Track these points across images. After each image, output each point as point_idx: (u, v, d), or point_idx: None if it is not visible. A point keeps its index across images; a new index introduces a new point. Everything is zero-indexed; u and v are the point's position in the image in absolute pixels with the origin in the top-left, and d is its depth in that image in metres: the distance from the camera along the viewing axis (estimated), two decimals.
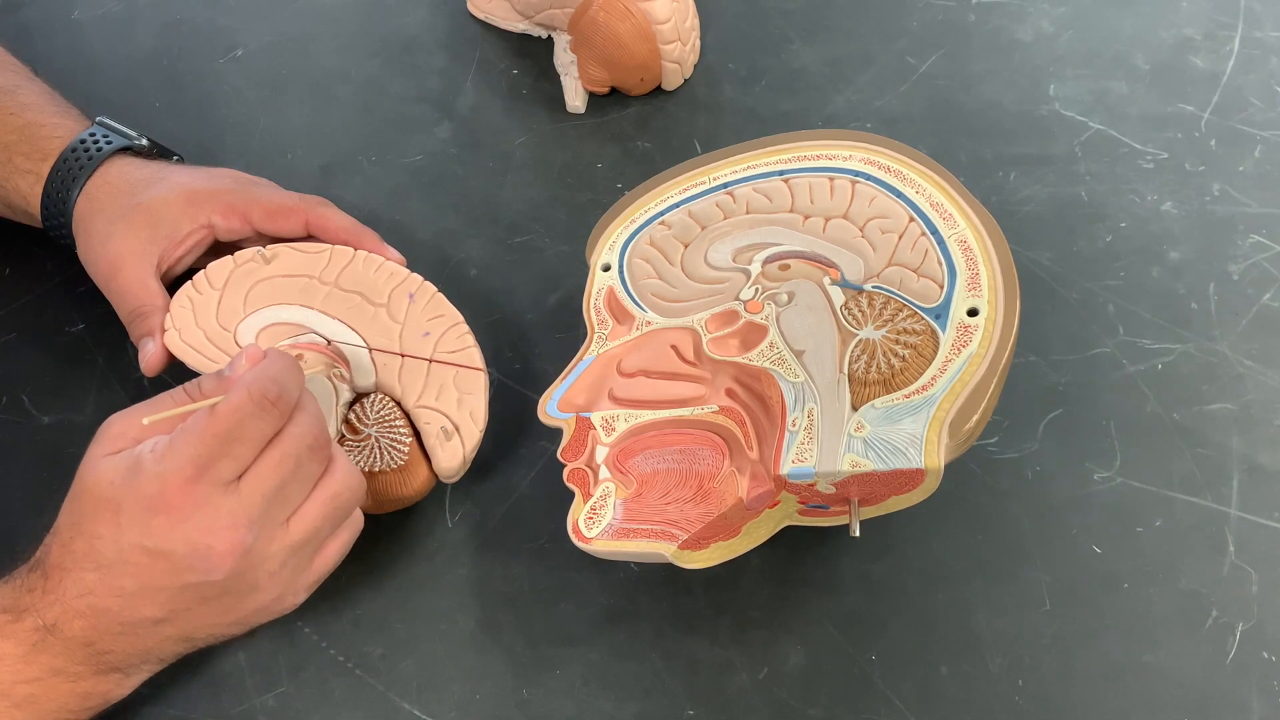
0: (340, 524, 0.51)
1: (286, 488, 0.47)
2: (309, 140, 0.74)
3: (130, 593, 0.46)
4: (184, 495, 0.45)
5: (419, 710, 0.53)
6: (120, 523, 0.45)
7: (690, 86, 0.75)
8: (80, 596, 0.46)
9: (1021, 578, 0.55)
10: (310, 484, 0.49)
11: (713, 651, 0.54)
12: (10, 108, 0.63)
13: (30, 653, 0.46)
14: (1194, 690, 0.52)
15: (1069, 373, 0.61)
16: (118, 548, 0.45)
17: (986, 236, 0.52)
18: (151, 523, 0.45)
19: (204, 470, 0.45)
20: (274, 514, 0.47)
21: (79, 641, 0.46)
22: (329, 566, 0.51)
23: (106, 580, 0.46)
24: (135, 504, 0.45)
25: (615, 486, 0.51)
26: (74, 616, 0.46)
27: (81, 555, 0.46)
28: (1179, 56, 0.75)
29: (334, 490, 0.49)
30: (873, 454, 0.47)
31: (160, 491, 0.45)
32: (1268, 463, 0.58)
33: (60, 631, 0.46)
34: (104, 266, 0.60)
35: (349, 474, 0.50)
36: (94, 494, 0.46)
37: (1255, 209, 0.67)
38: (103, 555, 0.46)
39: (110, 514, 0.45)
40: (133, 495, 0.45)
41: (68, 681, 0.47)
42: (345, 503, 0.50)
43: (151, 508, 0.45)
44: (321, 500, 0.49)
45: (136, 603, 0.46)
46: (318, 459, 0.49)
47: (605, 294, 0.56)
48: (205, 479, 0.45)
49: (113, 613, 0.46)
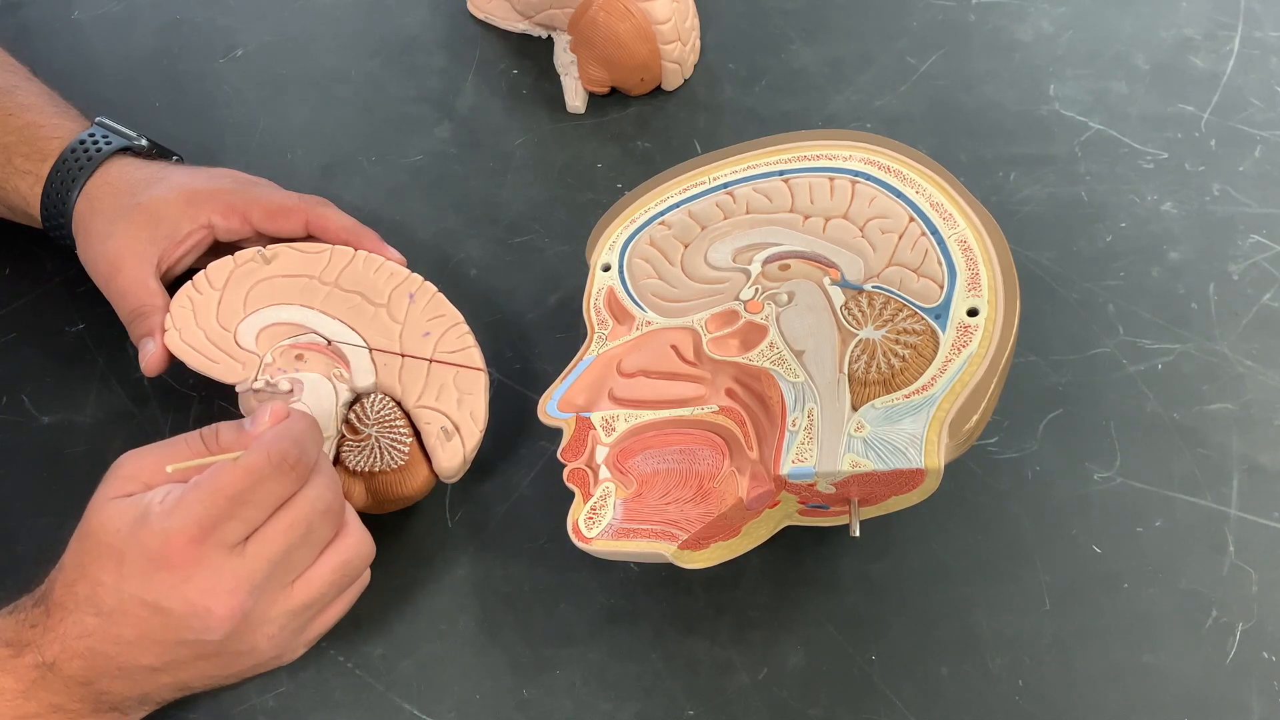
0: (346, 588, 0.50)
1: (294, 553, 0.47)
2: (309, 140, 0.74)
3: (128, 641, 0.46)
4: (187, 555, 0.44)
5: (419, 710, 0.53)
6: (123, 572, 0.45)
7: (690, 86, 0.75)
8: (80, 638, 0.46)
9: (1021, 578, 0.55)
10: (319, 549, 0.48)
11: (713, 651, 0.54)
12: (9, 108, 0.63)
13: (30, 689, 0.46)
14: (1194, 690, 0.52)
15: (1069, 373, 0.61)
16: (119, 597, 0.45)
17: (986, 236, 0.52)
18: (153, 577, 0.45)
19: (210, 531, 0.45)
20: (278, 579, 0.47)
21: (77, 680, 0.46)
22: (329, 626, 0.51)
23: (106, 627, 0.45)
24: (138, 556, 0.45)
25: (615, 486, 0.51)
26: (73, 656, 0.46)
27: (83, 599, 0.46)
28: (1179, 56, 0.75)
29: (344, 558, 0.49)
30: (873, 454, 0.47)
31: (163, 548, 0.44)
32: (1268, 463, 0.58)
33: (59, 670, 0.46)
34: (104, 266, 0.60)
35: (361, 542, 0.50)
36: (99, 539, 0.46)
37: (1255, 209, 0.67)
38: (103, 602, 0.45)
39: (114, 562, 0.45)
40: (137, 547, 0.45)
41: (66, 718, 0.47)
42: (354, 570, 0.50)
43: (154, 563, 0.45)
44: (330, 567, 0.48)
45: (134, 651, 0.46)
46: (329, 524, 0.48)
47: (605, 294, 0.56)
48: (211, 540, 0.45)
49: (110, 657, 0.46)
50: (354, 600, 0.52)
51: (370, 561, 0.51)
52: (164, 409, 0.63)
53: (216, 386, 0.57)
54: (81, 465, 0.60)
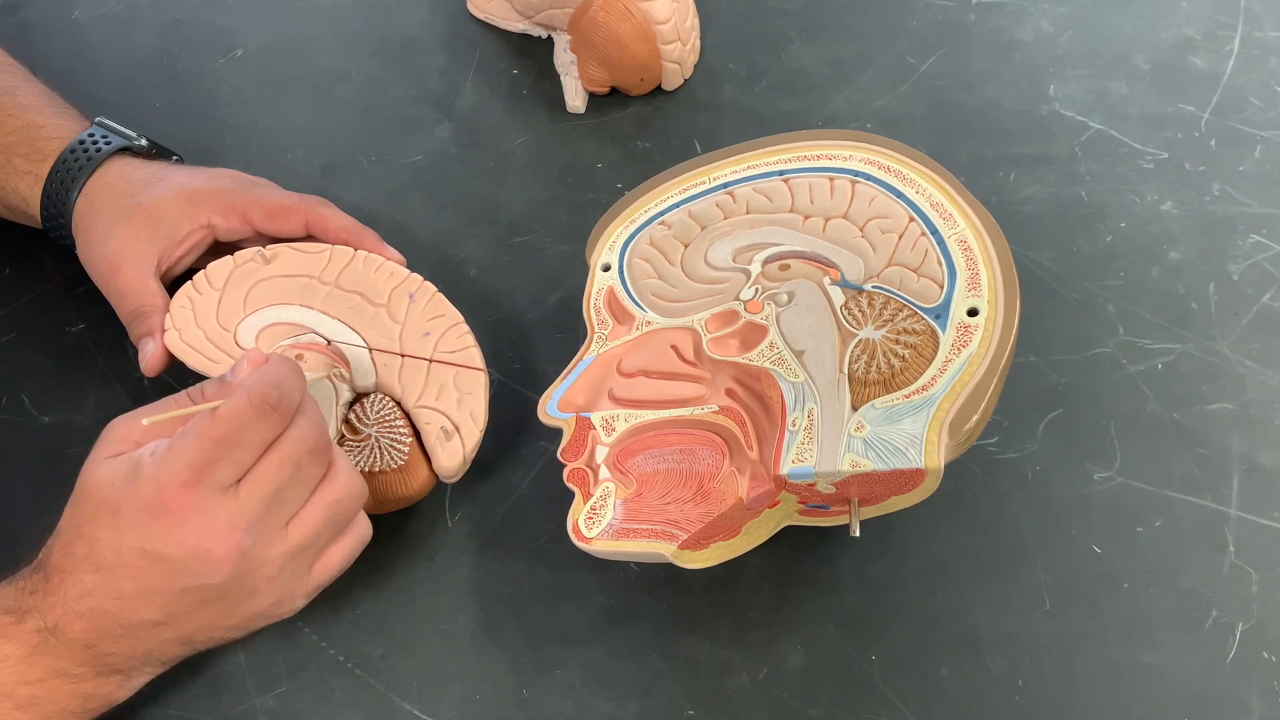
0: (341, 530, 0.51)
1: (285, 492, 0.47)
2: (309, 140, 0.74)
3: (129, 595, 0.46)
4: (182, 499, 0.45)
5: (419, 710, 0.53)
6: (119, 526, 0.45)
7: (690, 86, 0.75)
8: (80, 599, 0.46)
9: (1021, 578, 0.55)
10: (309, 488, 0.49)
11: (713, 651, 0.54)
12: (9, 108, 0.63)
13: (32, 654, 0.46)
14: (1194, 690, 0.52)
15: (1069, 373, 0.61)
16: (117, 551, 0.45)
17: (986, 236, 0.52)
18: (149, 526, 0.45)
19: (202, 474, 0.45)
20: (273, 518, 0.47)
21: (80, 643, 0.46)
22: (331, 574, 0.51)
23: (106, 583, 0.46)
24: (134, 507, 0.45)
25: (615, 486, 0.51)
26: (75, 619, 0.46)
27: (81, 558, 0.46)
28: (1179, 56, 0.75)
29: (334, 496, 0.49)
30: (873, 454, 0.47)
31: (158, 495, 0.45)
32: (1268, 463, 0.58)
33: (61, 633, 0.46)
34: (104, 267, 0.60)
35: (350, 480, 0.50)
36: (94, 497, 0.46)
37: (1255, 209, 0.67)
38: (102, 558, 0.46)
39: (109, 517, 0.45)
40: (131, 498, 0.45)
41: (70, 683, 0.47)
42: (346, 509, 0.50)
43: (149, 511, 0.45)
44: (321, 506, 0.49)
45: (135, 605, 0.46)
46: (318, 463, 0.49)
47: (605, 294, 0.56)
48: (203, 483, 0.45)
49: (112, 615, 0.46)
50: (354, 553, 0.51)
51: (362, 501, 0.51)
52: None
53: None
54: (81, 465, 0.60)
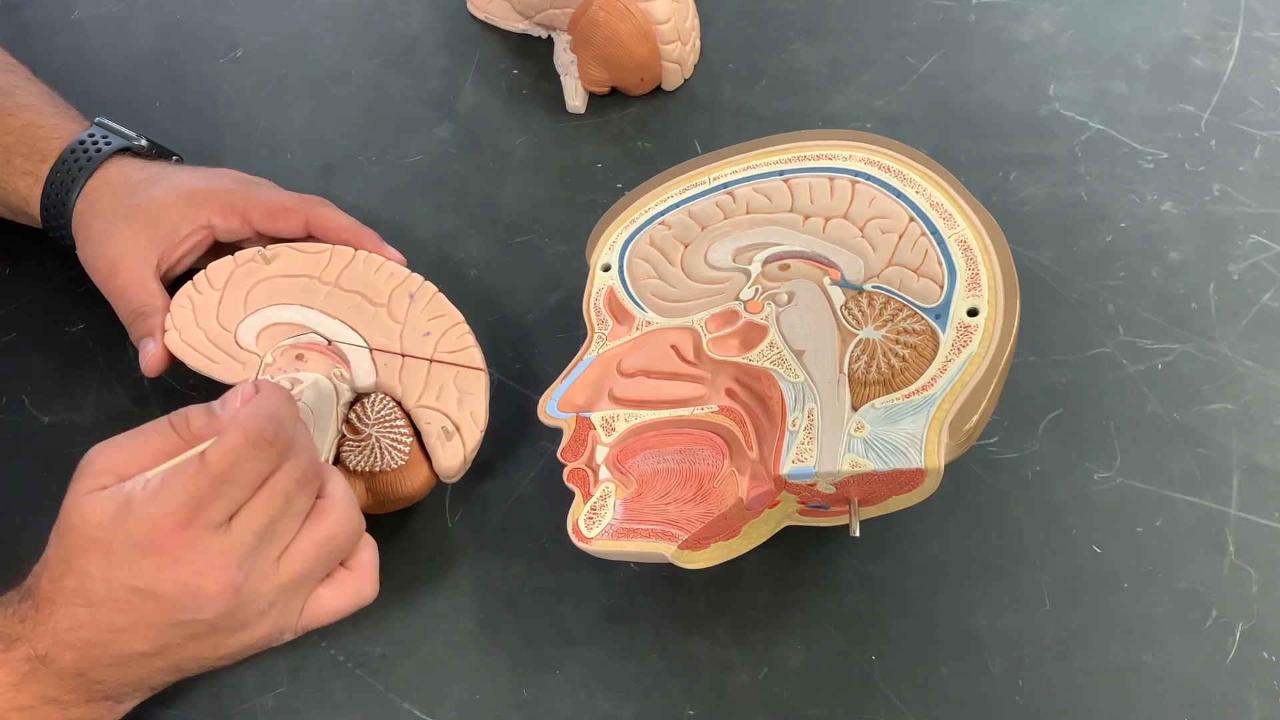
0: (334, 565, 0.50)
1: (277, 524, 0.47)
2: (309, 140, 0.74)
3: (120, 628, 0.45)
4: (175, 539, 0.44)
5: (419, 710, 0.53)
6: (110, 562, 0.45)
7: (690, 86, 0.75)
8: (71, 630, 0.46)
9: (1021, 578, 0.55)
10: (300, 519, 0.48)
11: (713, 651, 0.54)
12: (9, 108, 0.63)
13: (22, 681, 0.46)
14: (1194, 690, 0.52)
15: (1069, 373, 0.61)
16: (108, 586, 0.45)
17: (986, 236, 0.52)
18: (142, 564, 0.45)
19: (196, 513, 0.45)
20: (265, 551, 0.47)
21: (70, 672, 0.46)
22: (321, 621, 0.50)
23: (97, 616, 0.45)
24: (125, 544, 0.45)
25: (615, 486, 0.51)
26: (65, 649, 0.46)
27: (71, 592, 0.46)
28: (1179, 56, 0.75)
29: (328, 533, 0.49)
30: (873, 454, 0.47)
31: (151, 534, 0.44)
32: (1268, 463, 0.58)
33: (52, 662, 0.46)
34: (104, 267, 0.60)
35: (346, 517, 0.49)
36: (82, 533, 0.45)
37: (1255, 209, 0.67)
38: (93, 593, 0.45)
39: (100, 553, 0.45)
40: (123, 536, 0.45)
41: (59, 709, 0.47)
42: (339, 545, 0.49)
43: (142, 549, 0.45)
44: (314, 541, 0.48)
45: (127, 638, 0.46)
46: (307, 492, 0.48)
47: (605, 294, 0.56)
48: (197, 522, 0.45)
49: (103, 646, 0.46)
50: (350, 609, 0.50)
51: (358, 538, 0.50)
52: (164, 409, 0.61)
53: (217, 386, 0.57)
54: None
